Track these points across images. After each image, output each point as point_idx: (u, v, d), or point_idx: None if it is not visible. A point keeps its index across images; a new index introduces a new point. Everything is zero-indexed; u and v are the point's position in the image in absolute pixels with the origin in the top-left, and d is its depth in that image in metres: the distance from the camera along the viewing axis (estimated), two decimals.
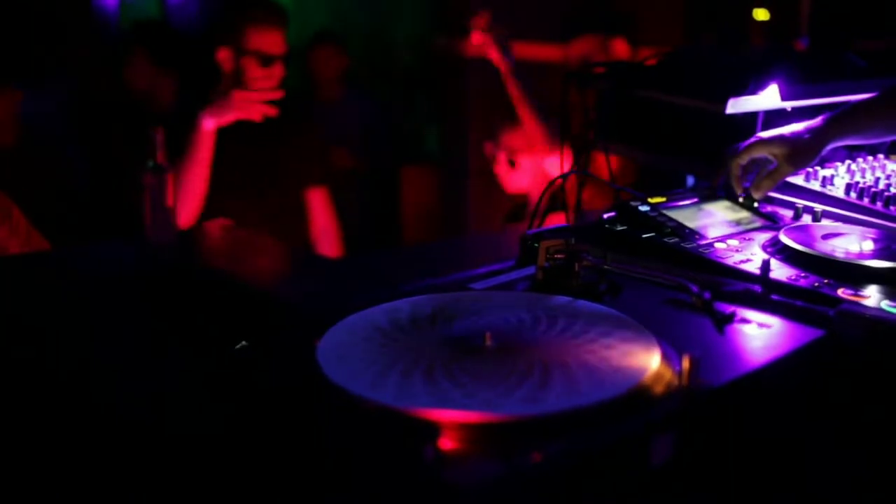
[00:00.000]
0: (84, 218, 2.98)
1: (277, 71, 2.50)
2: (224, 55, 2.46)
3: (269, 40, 2.48)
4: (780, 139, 1.35)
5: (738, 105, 1.46)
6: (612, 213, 1.31)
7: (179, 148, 2.21)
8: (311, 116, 2.95)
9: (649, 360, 0.82)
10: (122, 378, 0.91)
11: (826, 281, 1.07)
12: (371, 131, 3.95)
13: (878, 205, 1.37)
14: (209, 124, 2.21)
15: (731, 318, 0.97)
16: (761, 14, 3.64)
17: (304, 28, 4.48)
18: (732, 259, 1.16)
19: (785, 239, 1.19)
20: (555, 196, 1.75)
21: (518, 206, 2.86)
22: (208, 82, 2.50)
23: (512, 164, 2.75)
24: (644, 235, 1.24)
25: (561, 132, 1.74)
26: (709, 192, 1.42)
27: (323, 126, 2.94)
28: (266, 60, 2.45)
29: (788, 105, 1.52)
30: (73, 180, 3.17)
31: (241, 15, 2.50)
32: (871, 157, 1.60)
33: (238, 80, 2.45)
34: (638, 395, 0.77)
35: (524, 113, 2.59)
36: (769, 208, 1.41)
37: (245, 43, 2.46)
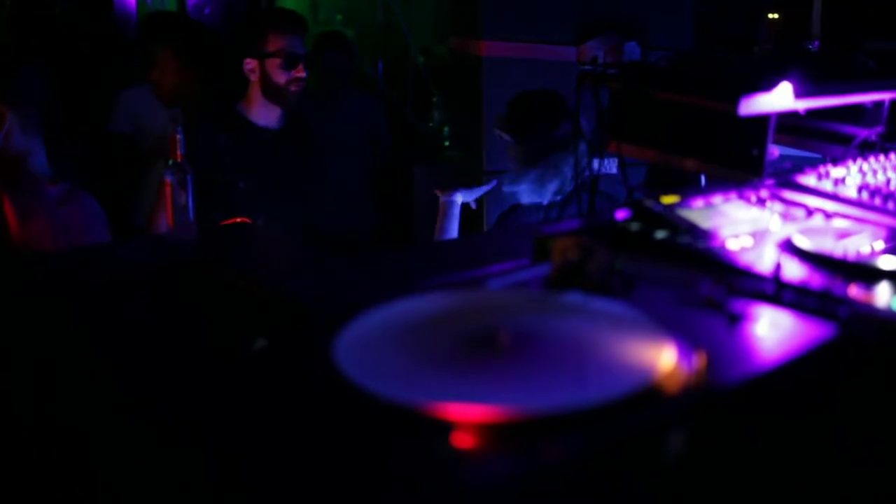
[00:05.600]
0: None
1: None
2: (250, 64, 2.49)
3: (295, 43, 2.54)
4: None
5: (751, 104, 1.47)
6: (625, 213, 1.32)
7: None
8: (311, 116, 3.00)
9: (663, 358, 0.83)
10: (133, 379, 0.92)
11: (838, 280, 1.08)
12: (377, 131, 3.96)
13: (890, 204, 1.38)
14: None
15: (743, 317, 0.98)
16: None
17: (319, 28, 4.50)
18: (745, 259, 1.17)
19: (797, 239, 1.20)
20: None
21: None
22: (230, 83, 2.53)
23: None
24: (657, 235, 1.25)
25: (573, 133, 1.75)
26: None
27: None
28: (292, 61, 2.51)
29: (802, 105, 1.52)
30: None
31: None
32: (882, 157, 1.61)
33: (267, 85, 2.49)
34: (652, 392, 0.78)
35: None
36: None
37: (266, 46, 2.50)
